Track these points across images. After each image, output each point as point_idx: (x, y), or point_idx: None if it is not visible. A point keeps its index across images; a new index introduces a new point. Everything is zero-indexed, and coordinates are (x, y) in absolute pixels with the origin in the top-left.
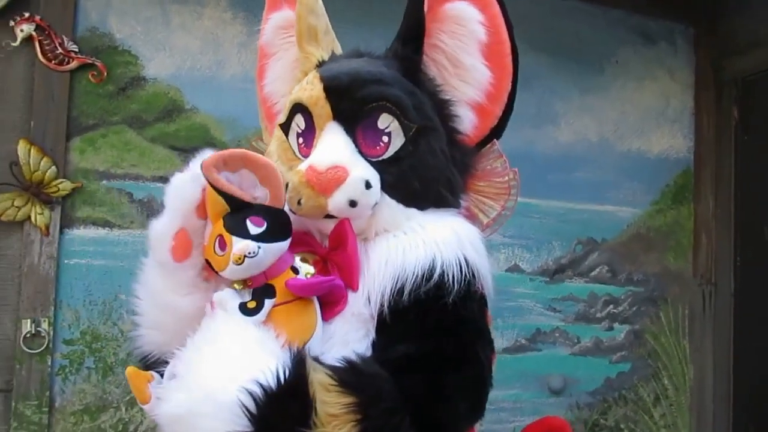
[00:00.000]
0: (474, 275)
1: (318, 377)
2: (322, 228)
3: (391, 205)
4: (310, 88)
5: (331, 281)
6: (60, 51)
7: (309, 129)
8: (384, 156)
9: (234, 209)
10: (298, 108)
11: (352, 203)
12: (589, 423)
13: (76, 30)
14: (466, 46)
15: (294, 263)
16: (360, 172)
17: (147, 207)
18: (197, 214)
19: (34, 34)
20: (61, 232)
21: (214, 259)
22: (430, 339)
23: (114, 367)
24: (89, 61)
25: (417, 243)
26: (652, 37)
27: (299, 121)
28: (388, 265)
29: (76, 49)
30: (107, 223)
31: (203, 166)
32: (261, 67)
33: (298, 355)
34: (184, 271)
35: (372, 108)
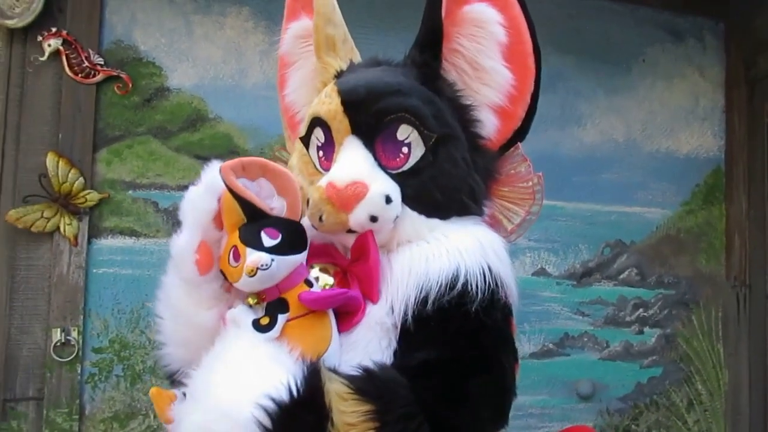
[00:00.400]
0: (497, 284)
1: (334, 387)
2: (345, 242)
3: (413, 217)
4: (328, 102)
5: (344, 294)
6: (86, 64)
7: (328, 142)
8: (404, 167)
9: (250, 219)
10: (317, 122)
11: (373, 218)
12: (620, 429)
13: (102, 43)
14: (485, 49)
15: (308, 276)
16: (380, 187)
17: (172, 216)
18: (215, 225)
19: (61, 49)
20: (89, 242)
21: (229, 270)
22: (451, 345)
23: (142, 375)
24: (115, 73)
25: (440, 252)
26: (680, 34)
27: (319, 135)
28: (411, 275)
29: (102, 62)
30: (134, 233)
31: (222, 169)
32: (282, 77)
33: (312, 366)
34: (208, 284)
35: (390, 120)
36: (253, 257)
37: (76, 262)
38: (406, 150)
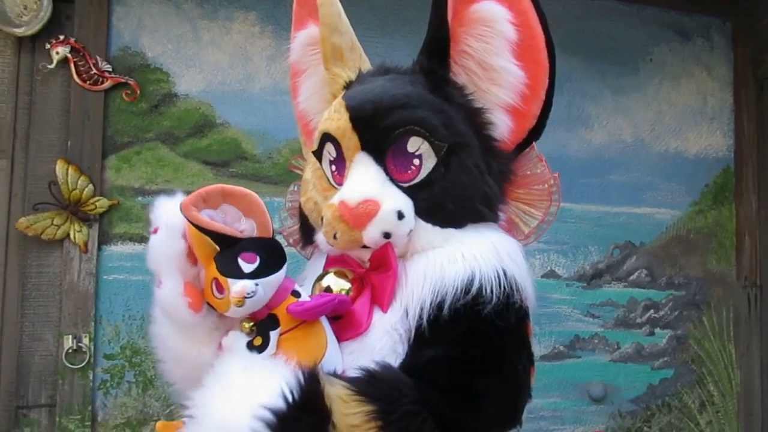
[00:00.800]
0: (513, 287)
1: (334, 391)
2: (361, 256)
3: (427, 229)
4: (336, 118)
5: (332, 301)
6: (94, 71)
7: (340, 157)
8: (416, 180)
9: (223, 247)
10: (327, 138)
11: (386, 235)
12: (633, 431)
13: (109, 50)
14: (494, 48)
15: (294, 287)
16: (391, 204)
17: None
18: (190, 262)
19: (69, 56)
20: (99, 249)
21: (215, 302)
22: (460, 344)
23: (154, 381)
24: (122, 80)
25: (456, 257)
26: (687, 33)
27: (330, 150)
28: (426, 280)
29: (110, 69)
30: (143, 239)
31: (183, 207)
32: (294, 85)
33: (309, 372)
34: (204, 319)
35: (399, 133)
36: (236, 288)
37: (86, 269)
38: (417, 162)
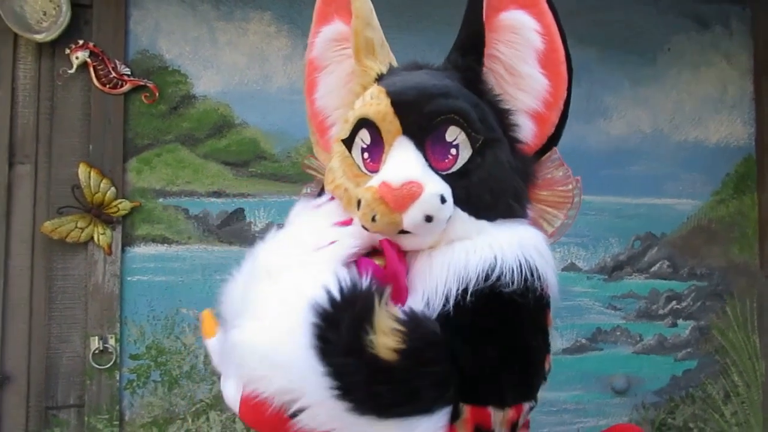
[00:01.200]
0: (533, 275)
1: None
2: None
3: (463, 218)
4: (376, 103)
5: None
6: (113, 75)
7: (375, 144)
8: (453, 169)
9: None
10: (364, 123)
11: (428, 218)
12: (656, 423)
13: (128, 54)
14: (522, 55)
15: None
16: (434, 187)
17: (202, 222)
18: None
19: (89, 61)
20: (122, 251)
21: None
22: (475, 315)
23: (179, 380)
24: (141, 83)
25: (481, 246)
26: (706, 21)
27: (364, 136)
28: (450, 269)
29: (129, 72)
30: (165, 240)
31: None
32: (311, 81)
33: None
34: None
35: (440, 121)
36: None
37: (111, 271)
38: (454, 152)
